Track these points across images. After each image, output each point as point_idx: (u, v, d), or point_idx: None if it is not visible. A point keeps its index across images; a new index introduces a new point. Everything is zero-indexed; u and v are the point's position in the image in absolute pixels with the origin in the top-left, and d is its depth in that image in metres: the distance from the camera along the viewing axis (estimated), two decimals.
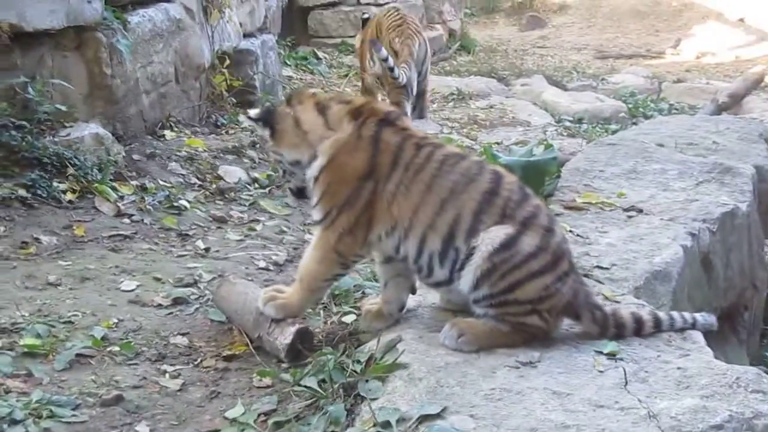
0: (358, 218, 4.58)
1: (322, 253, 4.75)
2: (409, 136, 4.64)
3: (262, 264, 6.75)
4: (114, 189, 7.66)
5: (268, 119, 4.89)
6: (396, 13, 13.43)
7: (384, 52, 12.04)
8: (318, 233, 4.80)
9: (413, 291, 4.89)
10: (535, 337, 4.41)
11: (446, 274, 4.52)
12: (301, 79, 15.80)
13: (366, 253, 4.80)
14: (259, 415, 4.40)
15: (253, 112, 5.02)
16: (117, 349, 5.09)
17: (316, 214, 4.76)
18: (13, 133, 7.38)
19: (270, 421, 4.33)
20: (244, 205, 8.22)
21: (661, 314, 4.70)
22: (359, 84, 14.39)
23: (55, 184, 7.32)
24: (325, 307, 5.62)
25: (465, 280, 4.39)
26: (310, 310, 5.59)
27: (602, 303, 4.69)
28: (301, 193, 5.00)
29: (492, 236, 4.34)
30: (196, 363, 5.06)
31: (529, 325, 4.39)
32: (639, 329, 4.58)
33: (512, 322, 4.38)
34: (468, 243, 4.39)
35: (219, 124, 10.74)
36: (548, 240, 4.38)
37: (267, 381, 4.75)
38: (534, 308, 4.36)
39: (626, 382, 3.99)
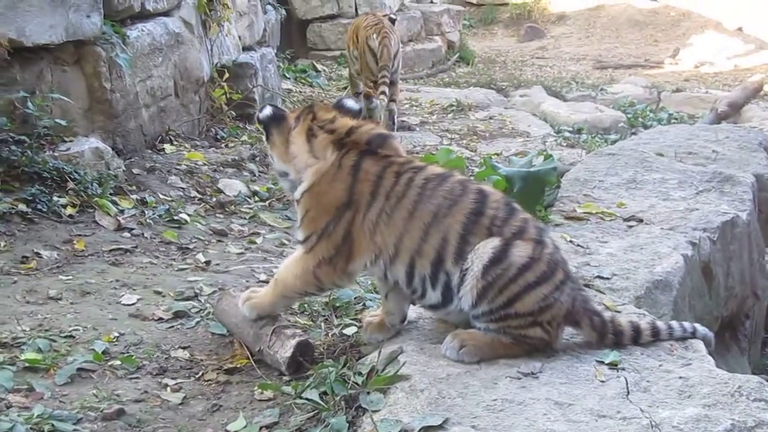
0: (337, 248, 4.58)
1: (300, 271, 4.76)
2: (390, 164, 4.59)
3: (263, 277, 6.74)
4: (114, 203, 7.67)
5: (269, 126, 4.89)
6: (373, 17, 14.12)
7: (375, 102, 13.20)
8: (300, 251, 4.80)
9: (414, 302, 4.88)
10: (537, 349, 4.41)
11: (439, 297, 4.51)
12: (300, 91, 15.83)
13: (346, 282, 4.84)
14: (260, 428, 4.40)
15: (265, 111, 4.97)
16: (118, 363, 5.09)
17: (299, 235, 4.76)
18: (13, 147, 7.39)
19: None
20: (245, 218, 8.22)
21: (660, 324, 4.69)
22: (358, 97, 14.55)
23: (55, 198, 7.33)
24: (326, 319, 5.62)
25: (465, 301, 4.37)
26: (311, 323, 5.59)
27: (600, 309, 4.69)
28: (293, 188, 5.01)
29: (480, 253, 4.32)
30: (197, 376, 5.05)
31: (532, 337, 4.38)
32: (636, 337, 4.57)
33: (514, 335, 4.38)
34: (458, 265, 4.37)
35: (219, 137, 10.76)
36: (540, 250, 4.37)
37: (268, 394, 4.75)
38: (535, 320, 4.34)
39: (628, 392, 3.99)
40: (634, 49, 25.77)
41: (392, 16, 14.67)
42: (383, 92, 13.20)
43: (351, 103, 5.00)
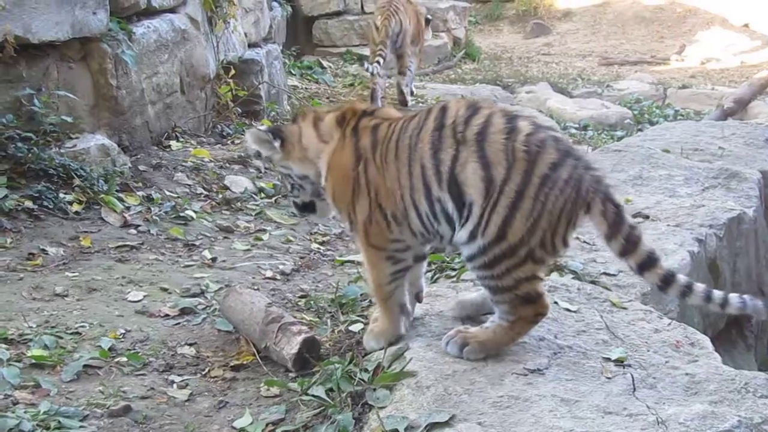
0: (369, 204, 4.52)
1: (367, 257, 4.68)
2: (385, 119, 4.63)
3: (269, 273, 6.75)
4: (120, 200, 7.68)
5: (278, 133, 4.88)
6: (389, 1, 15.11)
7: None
8: (357, 244, 4.78)
9: (419, 299, 4.87)
10: (538, 314, 4.31)
11: (449, 230, 4.39)
12: (306, 88, 15.81)
13: (400, 235, 4.53)
14: (267, 424, 4.41)
15: (263, 128, 5.01)
16: (124, 359, 5.10)
17: (345, 225, 4.76)
18: (20, 145, 7.40)
19: (278, 431, 4.33)
20: (251, 215, 8.22)
21: (681, 277, 4.22)
22: (364, 92, 14.76)
23: (61, 195, 7.34)
24: (332, 316, 5.63)
25: (461, 235, 4.28)
26: (317, 319, 5.60)
27: (620, 199, 4.34)
28: (306, 208, 4.99)
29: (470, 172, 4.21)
30: (203, 373, 5.06)
31: (525, 284, 4.24)
32: (648, 264, 4.18)
33: (509, 288, 4.26)
34: (442, 187, 4.27)
35: (225, 134, 10.76)
36: (510, 143, 4.13)
37: (275, 390, 4.76)
38: (529, 248, 4.17)
39: (634, 389, 3.99)
40: (640, 46, 25.70)
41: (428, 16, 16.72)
42: (377, 61, 14.45)
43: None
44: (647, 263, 4.16)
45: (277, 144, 4.83)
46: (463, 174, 4.19)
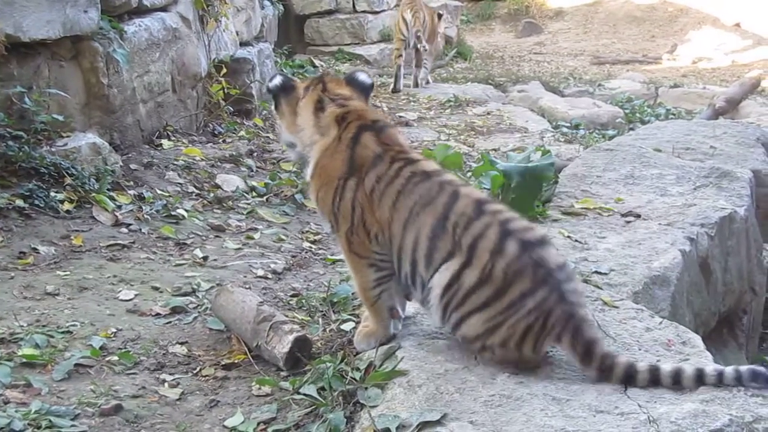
0: (352, 217, 4.50)
1: (350, 263, 4.68)
2: (388, 149, 4.52)
3: (261, 272, 6.74)
4: (112, 198, 7.66)
5: (278, 95, 4.85)
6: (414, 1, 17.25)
7: None
8: (340, 248, 4.78)
9: (409, 298, 4.85)
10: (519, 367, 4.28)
11: (420, 297, 4.47)
12: None
13: (382, 250, 4.52)
14: (258, 423, 4.41)
15: (275, 80, 4.91)
16: (116, 358, 5.09)
17: (325, 226, 4.76)
18: (10, 143, 7.38)
19: (270, 430, 4.34)
20: (242, 214, 8.21)
21: (665, 367, 4.11)
22: None
23: (52, 194, 7.32)
24: (324, 315, 5.63)
25: (434, 317, 4.37)
26: (309, 318, 5.60)
27: (593, 333, 4.21)
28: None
29: (440, 279, 4.24)
30: (195, 372, 5.06)
31: (494, 358, 4.27)
32: (630, 380, 4.07)
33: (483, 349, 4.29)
34: (429, 271, 4.31)
35: (216, 132, 10.75)
36: (492, 267, 4.13)
37: (266, 389, 4.76)
38: (483, 344, 4.23)
39: (626, 387, 3.99)
40: (631, 45, 25.76)
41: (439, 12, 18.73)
42: (399, 55, 16.94)
43: (363, 77, 4.94)
44: (629, 380, 4.08)
45: (272, 106, 4.84)
46: (447, 271, 4.24)
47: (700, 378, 4.00)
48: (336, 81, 4.85)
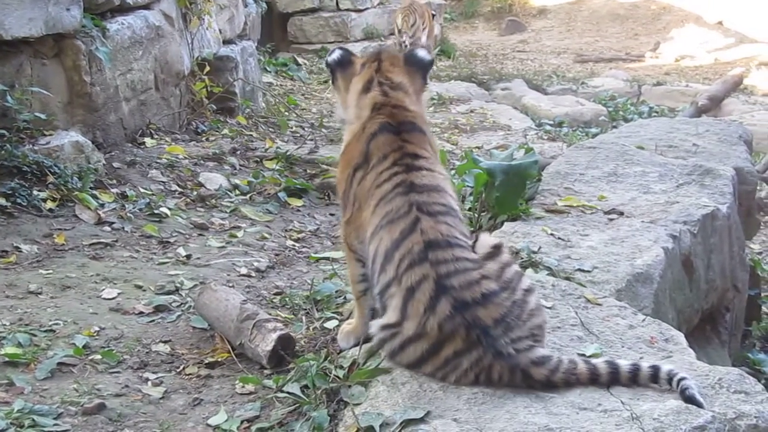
0: (352, 207, 4.46)
1: (344, 252, 4.67)
2: (397, 149, 4.37)
3: (244, 270, 6.74)
4: (94, 197, 7.64)
5: (335, 70, 4.80)
6: (410, 4, 18.92)
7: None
8: None
9: None
10: None
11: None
12: (281, 84, 15.82)
13: (362, 246, 4.44)
14: (242, 421, 4.40)
15: (333, 55, 4.82)
16: (99, 357, 5.08)
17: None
18: None
19: (253, 428, 4.33)
20: (225, 212, 8.19)
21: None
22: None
23: (35, 192, 7.30)
24: (307, 313, 5.63)
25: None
26: (292, 316, 5.60)
27: (544, 369, 3.98)
28: None
29: (379, 324, 4.18)
30: (178, 370, 5.05)
31: None
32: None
33: None
34: (377, 287, 4.24)
35: (199, 131, 10.74)
36: (426, 322, 3.97)
37: (250, 387, 4.75)
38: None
39: (609, 385, 3.99)
40: (614, 43, 25.82)
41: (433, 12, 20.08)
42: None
43: (422, 53, 4.83)
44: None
45: (330, 81, 4.84)
46: (391, 297, 4.14)
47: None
48: (393, 59, 4.73)
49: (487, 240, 4.34)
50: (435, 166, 4.46)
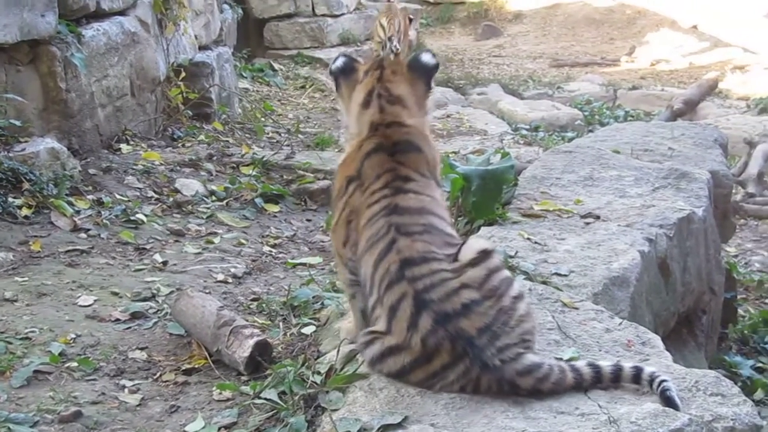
0: (340, 214, 4.42)
1: (335, 256, 4.63)
2: (388, 170, 4.33)
3: (221, 277, 6.73)
4: (70, 204, 7.61)
5: (339, 78, 4.73)
6: (389, 7, 18.43)
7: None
8: None
9: None
10: None
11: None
12: (257, 90, 15.79)
13: (353, 256, 4.39)
14: (219, 428, 4.39)
15: (337, 62, 4.77)
16: (75, 364, 5.07)
17: None
18: None
19: None
20: (202, 218, 8.18)
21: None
22: (315, 95, 15.07)
23: (10, 199, 7.28)
24: (285, 318, 5.62)
25: None
26: (270, 322, 5.59)
27: (532, 378, 3.95)
28: None
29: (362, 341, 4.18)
30: (155, 377, 5.04)
31: None
32: None
33: None
34: (370, 320, 4.20)
35: (175, 137, 10.73)
36: (410, 338, 3.95)
37: (227, 394, 4.74)
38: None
39: (586, 388, 4.00)
40: (590, 47, 25.87)
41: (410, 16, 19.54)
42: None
43: (427, 57, 4.76)
44: None
45: (335, 89, 4.80)
46: (378, 319, 4.12)
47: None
48: (395, 66, 4.67)
49: (474, 245, 4.22)
50: (425, 188, 4.39)
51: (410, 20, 18.93)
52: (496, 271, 4.15)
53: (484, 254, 4.16)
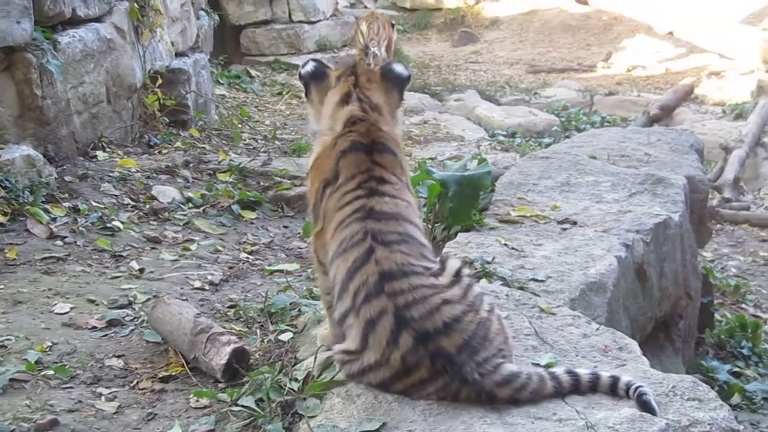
0: (322, 220, 4.37)
1: (313, 262, 4.61)
2: (365, 170, 4.29)
3: (198, 284, 6.71)
4: (46, 211, 7.58)
5: (309, 83, 4.69)
6: (372, 13, 19.57)
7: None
8: None
9: None
10: None
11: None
12: (234, 97, 15.77)
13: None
14: None
15: (306, 67, 4.72)
16: (51, 372, 5.04)
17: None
18: None
19: None
20: (178, 225, 8.15)
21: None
22: (292, 101, 15.06)
23: None
24: (262, 325, 5.61)
25: None
26: (247, 329, 5.58)
27: (509, 388, 3.95)
28: None
29: (339, 348, 4.16)
30: (132, 385, 5.02)
31: None
32: None
33: None
34: (341, 325, 4.16)
35: (152, 143, 10.70)
36: (390, 355, 3.93)
37: (204, 401, 4.73)
38: None
39: (564, 394, 4.00)
40: (567, 53, 25.92)
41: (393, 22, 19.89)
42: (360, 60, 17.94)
43: (400, 68, 4.69)
44: None
45: (303, 94, 4.74)
46: (350, 327, 4.09)
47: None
48: (369, 74, 4.64)
49: (452, 266, 4.21)
50: (401, 192, 4.35)
51: (393, 26, 19.12)
52: (470, 287, 4.16)
53: (458, 274, 4.17)
